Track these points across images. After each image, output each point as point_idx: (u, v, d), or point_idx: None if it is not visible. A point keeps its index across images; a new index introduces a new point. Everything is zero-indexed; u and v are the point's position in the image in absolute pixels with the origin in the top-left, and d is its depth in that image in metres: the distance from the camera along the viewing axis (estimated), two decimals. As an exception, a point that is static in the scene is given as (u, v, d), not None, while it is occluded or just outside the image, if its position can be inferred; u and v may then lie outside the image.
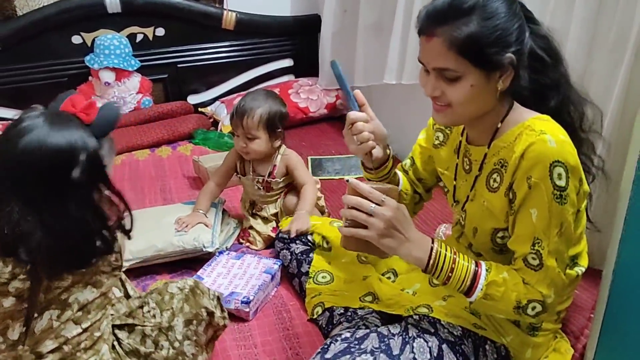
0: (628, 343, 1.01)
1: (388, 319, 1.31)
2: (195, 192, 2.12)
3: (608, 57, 1.42)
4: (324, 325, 1.39)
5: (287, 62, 3.17)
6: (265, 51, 3.09)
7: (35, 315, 0.99)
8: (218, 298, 1.24)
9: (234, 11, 2.90)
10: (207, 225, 1.73)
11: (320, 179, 2.09)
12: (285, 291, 1.56)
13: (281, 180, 1.82)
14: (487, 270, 1.07)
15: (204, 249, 1.66)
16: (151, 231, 1.67)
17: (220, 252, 1.68)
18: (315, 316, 1.42)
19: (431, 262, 1.08)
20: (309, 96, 2.86)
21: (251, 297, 1.44)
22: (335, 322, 1.37)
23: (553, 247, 1.04)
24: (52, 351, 1.02)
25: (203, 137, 2.65)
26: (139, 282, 1.62)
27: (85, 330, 1.05)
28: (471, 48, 0.99)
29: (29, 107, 0.99)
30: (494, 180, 1.12)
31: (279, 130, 1.78)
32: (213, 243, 1.68)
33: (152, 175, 2.34)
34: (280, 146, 1.82)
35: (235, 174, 1.88)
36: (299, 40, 3.10)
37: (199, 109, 2.97)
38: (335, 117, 2.94)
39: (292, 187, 1.87)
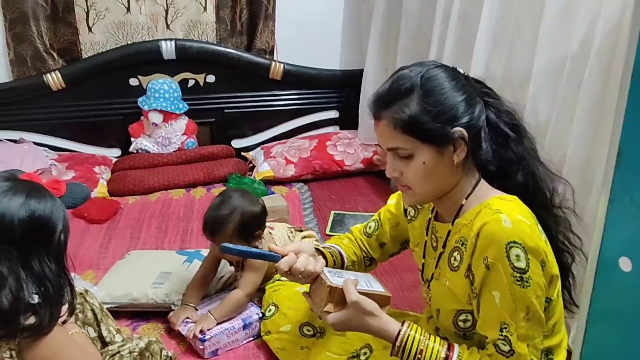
0: None
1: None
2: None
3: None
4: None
5: (333, 114, 3.20)
6: (312, 102, 3.14)
7: None
8: (171, 358, 1.25)
9: (282, 62, 3.00)
10: (192, 320, 1.56)
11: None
12: (265, 350, 1.53)
13: None
14: (458, 358, 1.03)
15: (173, 307, 1.64)
16: (133, 278, 1.71)
17: None
18: (283, 383, 1.39)
19: (397, 346, 1.06)
20: (346, 149, 2.86)
21: (207, 337, 1.47)
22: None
23: (522, 332, 0.98)
24: None
25: (237, 181, 2.71)
26: (133, 322, 1.66)
27: None
28: (414, 127, 1.01)
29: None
30: (455, 259, 1.09)
31: (257, 232, 1.61)
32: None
33: (179, 216, 2.42)
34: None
35: None
36: (345, 93, 3.14)
37: (242, 153, 3.07)
38: (373, 172, 2.92)
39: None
